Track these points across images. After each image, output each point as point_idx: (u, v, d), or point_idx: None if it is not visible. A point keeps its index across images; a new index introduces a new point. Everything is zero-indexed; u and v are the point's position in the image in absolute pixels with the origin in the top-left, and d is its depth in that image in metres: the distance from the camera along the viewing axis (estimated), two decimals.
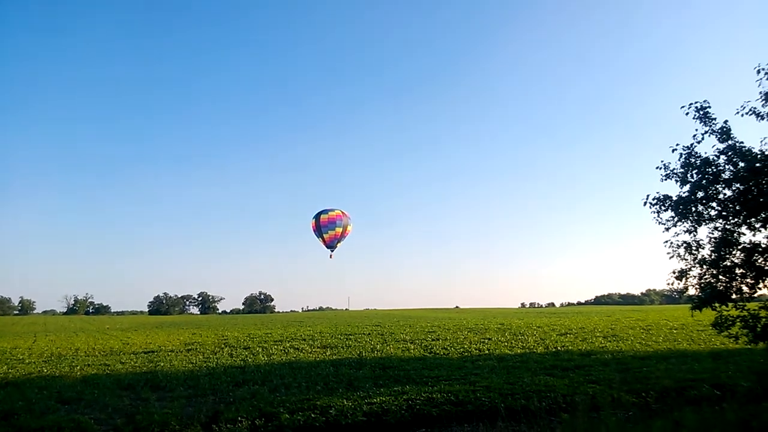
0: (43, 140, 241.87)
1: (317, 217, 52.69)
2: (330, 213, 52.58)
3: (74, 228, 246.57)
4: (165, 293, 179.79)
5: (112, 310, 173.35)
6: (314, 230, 53.03)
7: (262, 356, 24.51)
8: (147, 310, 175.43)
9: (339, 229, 52.23)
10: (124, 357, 26.02)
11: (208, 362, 22.97)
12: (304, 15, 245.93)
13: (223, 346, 30.01)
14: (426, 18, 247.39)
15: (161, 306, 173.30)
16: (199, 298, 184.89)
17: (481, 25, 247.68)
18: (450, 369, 18.73)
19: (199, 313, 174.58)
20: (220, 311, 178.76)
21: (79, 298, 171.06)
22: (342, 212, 53.11)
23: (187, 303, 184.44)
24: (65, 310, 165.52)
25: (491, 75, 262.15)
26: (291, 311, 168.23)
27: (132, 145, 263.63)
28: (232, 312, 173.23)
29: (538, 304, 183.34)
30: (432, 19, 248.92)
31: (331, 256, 53.90)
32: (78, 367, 22.33)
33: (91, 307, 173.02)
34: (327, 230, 51.97)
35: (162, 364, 22.77)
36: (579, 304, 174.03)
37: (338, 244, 53.21)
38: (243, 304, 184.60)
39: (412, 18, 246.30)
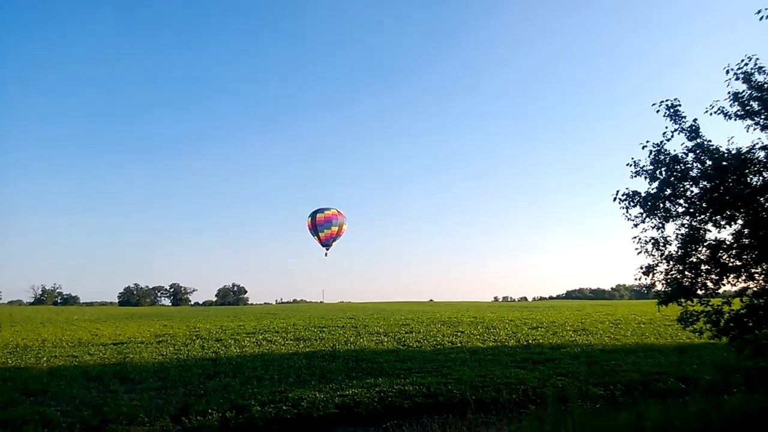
0: (11, 128, 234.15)
1: (313, 215, 52.83)
2: (326, 212, 52.76)
3: (42, 216, 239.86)
4: (136, 284, 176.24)
5: (81, 301, 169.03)
6: (310, 229, 53.19)
7: (234, 348, 24.35)
8: (117, 301, 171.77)
9: (335, 228, 52.48)
10: (93, 348, 25.58)
11: (179, 354, 22.74)
12: (295, 13, 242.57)
13: (194, 338, 29.72)
14: (418, 11, 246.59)
15: (132, 297, 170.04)
16: (171, 290, 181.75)
17: (469, 21, 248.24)
18: (422, 362, 18.91)
19: (170, 304, 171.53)
20: (192, 303, 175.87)
21: (46, 287, 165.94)
22: (338, 211, 53.40)
23: (159, 294, 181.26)
24: (32, 300, 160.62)
25: (466, 74, 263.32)
26: (265, 304, 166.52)
27: (102, 133, 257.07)
28: (205, 304, 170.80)
29: (510, 298, 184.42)
30: (424, 13, 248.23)
31: (326, 255, 54.29)
32: (44, 359, 21.90)
33: (60, 297, 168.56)
34: (323, 229, 52.10)
35: (131, 355, 22.46)
36: (551, 298, 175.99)
37: (333, 243, 53.46)
38: (216, 296, 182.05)
39: (404, 11, 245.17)
